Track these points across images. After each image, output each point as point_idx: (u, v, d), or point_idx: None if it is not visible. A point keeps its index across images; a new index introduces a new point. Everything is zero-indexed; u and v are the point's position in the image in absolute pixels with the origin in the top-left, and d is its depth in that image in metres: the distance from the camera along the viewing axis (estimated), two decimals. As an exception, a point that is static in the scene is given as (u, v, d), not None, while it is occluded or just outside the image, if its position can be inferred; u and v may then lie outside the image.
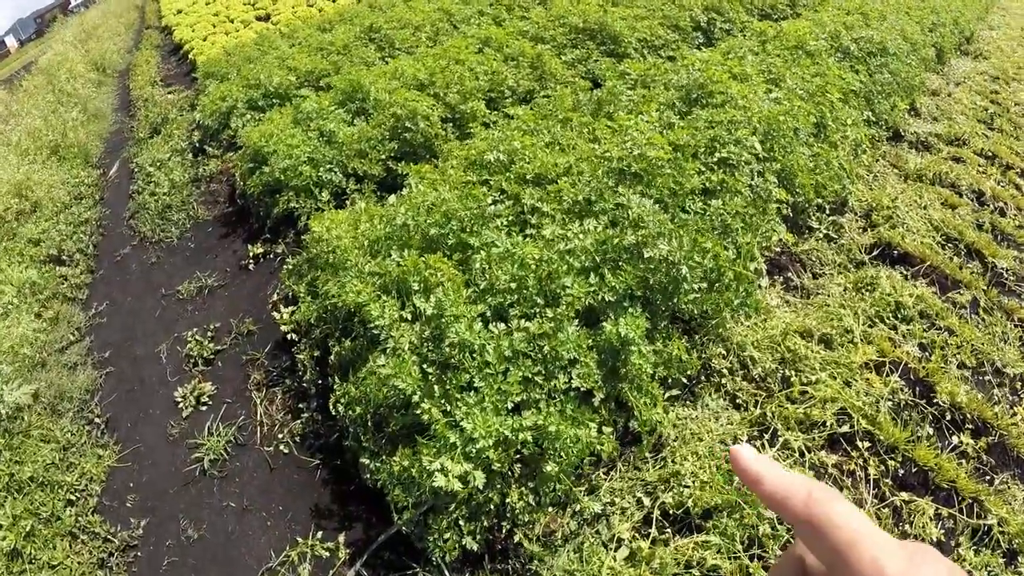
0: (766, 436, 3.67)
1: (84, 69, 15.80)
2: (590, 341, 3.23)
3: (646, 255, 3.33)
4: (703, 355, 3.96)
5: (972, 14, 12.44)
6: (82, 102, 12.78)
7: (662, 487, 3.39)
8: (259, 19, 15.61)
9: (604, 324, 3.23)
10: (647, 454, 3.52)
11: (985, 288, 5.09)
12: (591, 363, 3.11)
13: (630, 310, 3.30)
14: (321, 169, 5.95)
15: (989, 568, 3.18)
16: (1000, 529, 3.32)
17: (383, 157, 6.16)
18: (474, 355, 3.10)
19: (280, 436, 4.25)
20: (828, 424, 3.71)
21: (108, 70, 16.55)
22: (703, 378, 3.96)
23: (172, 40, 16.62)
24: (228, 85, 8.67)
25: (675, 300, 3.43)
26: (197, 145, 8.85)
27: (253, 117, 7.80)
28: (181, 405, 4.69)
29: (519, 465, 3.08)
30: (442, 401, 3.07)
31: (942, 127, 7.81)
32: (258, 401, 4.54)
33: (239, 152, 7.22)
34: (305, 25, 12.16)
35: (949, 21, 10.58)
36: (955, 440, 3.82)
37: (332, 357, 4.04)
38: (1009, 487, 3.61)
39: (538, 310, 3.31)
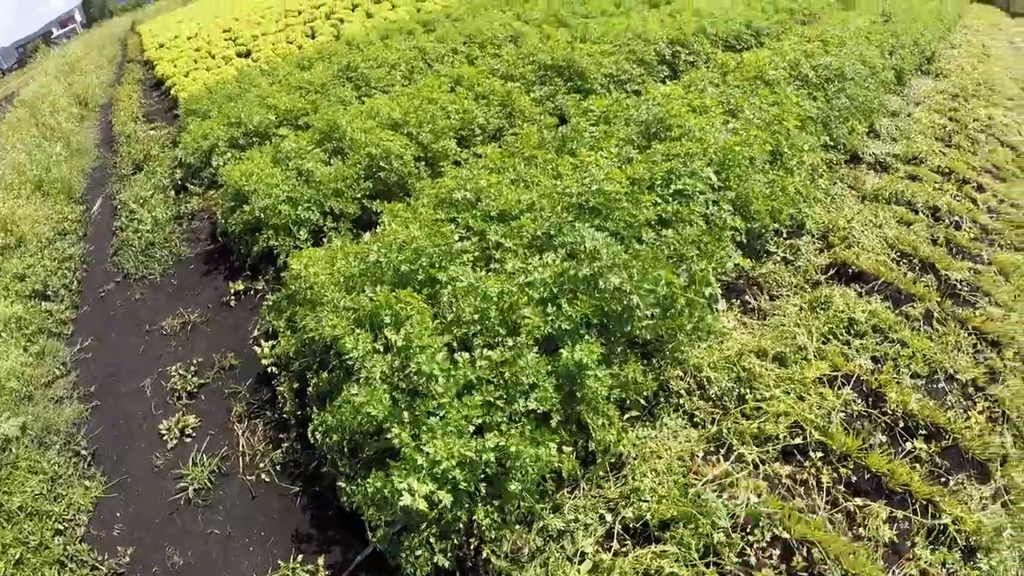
0: (722, 451, 3.87)
1: (67, 103, 15.84)
2: (549, 367, 3.45)
3: (600, 286, 3.56)
4: (661, 377, 4.16)
5: (933, 34, 12.72)
6: (65, 136, 12.84)
7: (623, 503, 3.57)
8: (240, 55, 15.79)
9: (562, 351, 3.45)
10: (606, 471, 3.72)
11: (939, 300, 5.25)
12: (549, 387, 3.33)
13: (586, 337, 3.52)
14: (299, 208, 6.14)
15: (947, 565, 3.34)
16: (956, 527, 3.49)
17: (359, 196, 6.39)
18: (437, 383, 3.31)
19: (261, 465, 4.41)
20: (781, 437, 3.90)
21: (91, 104, 16.60)
22: (662, 399, 4.16)
23: (154, 75, 16.79)
24: (209, 123, 8.86)
25: (629, 327, 3.65)
26: (179, 182, 8.96)
27: (234, 155, 7.95)
28: (166, 437, 4.83)
29: (485, 484, 3.28)
30: (411, 426, 3.28)
31: (900, 147, 8.02)
32: (240, 432, 4.70)
33: (220, 190, 7.37)
34: (284, 62, 12.39)
35: (909, 43, 10.84)
36: (908, 446, 4.00)
37: (310, 388, 4.24)
38: (965, 487, 3.78)
39: (500, 339, 3.54)
